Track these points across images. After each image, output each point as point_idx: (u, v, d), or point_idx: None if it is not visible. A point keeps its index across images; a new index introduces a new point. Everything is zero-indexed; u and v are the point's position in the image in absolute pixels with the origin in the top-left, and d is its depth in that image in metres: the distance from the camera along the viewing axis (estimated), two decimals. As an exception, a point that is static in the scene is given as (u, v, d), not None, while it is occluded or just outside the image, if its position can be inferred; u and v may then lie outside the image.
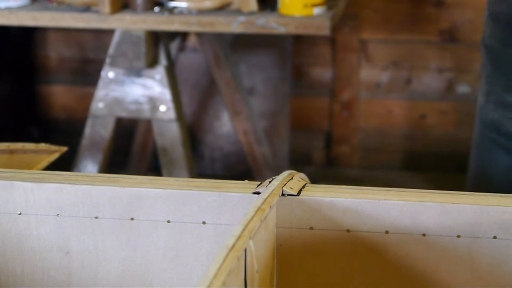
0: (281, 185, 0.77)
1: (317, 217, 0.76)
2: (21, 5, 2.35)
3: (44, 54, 3.09)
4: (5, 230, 0.81)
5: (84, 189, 0.79)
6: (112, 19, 2.27)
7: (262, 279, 0.68)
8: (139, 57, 2.34)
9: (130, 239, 0.80)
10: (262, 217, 0.68)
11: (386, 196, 0.76)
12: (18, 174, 0.83)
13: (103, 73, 2.39)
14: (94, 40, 3.04)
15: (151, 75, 2.37)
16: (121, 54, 2.35)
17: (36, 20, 2.29)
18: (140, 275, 0.80)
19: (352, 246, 0.76)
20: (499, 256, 0.74)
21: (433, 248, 0.75)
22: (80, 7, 2.33)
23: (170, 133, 2.41)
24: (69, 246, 0.81)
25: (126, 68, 2.36)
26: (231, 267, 0.58)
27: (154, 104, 2.38)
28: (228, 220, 0.78)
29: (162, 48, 2.40)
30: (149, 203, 0.78)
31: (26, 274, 0.81)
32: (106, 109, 2.40)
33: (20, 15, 2.29)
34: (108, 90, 2.39)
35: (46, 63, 3.10)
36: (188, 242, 0.79)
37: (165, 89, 2.37)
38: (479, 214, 0.74)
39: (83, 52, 3.08)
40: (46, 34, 3.06)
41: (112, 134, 2.44)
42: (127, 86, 2.39)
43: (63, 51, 3.08)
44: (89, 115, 2.42)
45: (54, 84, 3.13)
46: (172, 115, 2.39)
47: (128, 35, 2.32)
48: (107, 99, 2.39)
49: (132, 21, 2.28)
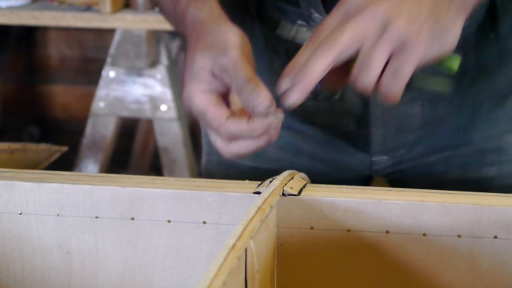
0: (281, 185, 0.77)
1: (317, 217, 0.76)
2: (22, 4, 2.35)
3: (45, 53, 3.09)
4: (6, 230, 0.81)
5: (85, 189, 0.79)
6: (113, 18, 2.27)
7: (262, 279, 0.68)
8: (140, 56, 2.34)
9: (130, 238, 0.80)
10: (262, 217, 0.68)
11: (386, 196, 0.76)
12: (18, 174, 0.83)
13: (104, 73, 2.39)
14: (95, 39, 3.04)
15: (152, 75, 2.37)
16: (122, 53, 2.35)
17: (37, 19, 2.29)
18: (140, 275, 0.80)
19: (352, 246, 0.76)
20: (500, 256, 0.74)
21: (433, 248, 0.75)
22: (81, 7, 2.33)
23: (171, 132, 2.41)
24: (69, 245, 0.81)
25: (127, 68, 2.36)
26: (231, 267, 0.58)
27: (155, 103, 2.39)
28: (229, 220, 0.78)
29: (163, 47, 2.40)
30: (149, 203, 0.78)
31: (26, 274, 0.82)
32: (107, 109, 2.40)
33: (21, 14, 2.29)
34: (109, 90, 2.39)
35: (47, 63, 3.10)
36: (189, 242, 0.79)
37: (166, 88, 2.37)
38: (480, 214, 0.74)
39: (84, 52, 3.08)
40: (47, 33, 3.06)
41: (113, 134, 2.44)
42: (128, 86, 2.39)
43: (64, 50, 3.08)
44: (90, 115, 2.43)
45: (55, 83, 3.13)
46: (173, 115, 2.39)
47: (129, 35, 2.32)
48: (108, 98, 2.39)
49: (133, 20, 2.28)
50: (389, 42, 0.81)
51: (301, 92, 0.81)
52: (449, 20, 0.83)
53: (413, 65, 0.82)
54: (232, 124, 0.84)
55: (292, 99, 0.82)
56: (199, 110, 0.85)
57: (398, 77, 0.82)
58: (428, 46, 0.82)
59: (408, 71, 0.82)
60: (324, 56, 0.81)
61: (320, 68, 0.81)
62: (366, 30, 0.82)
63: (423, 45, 0.81)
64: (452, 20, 0.83)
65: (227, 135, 0.84)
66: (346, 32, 0.82)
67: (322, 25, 0.85)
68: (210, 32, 0.88)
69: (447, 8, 0.84)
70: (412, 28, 0.81)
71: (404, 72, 0.81)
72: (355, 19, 0.82)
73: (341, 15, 0.84)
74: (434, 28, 0.82)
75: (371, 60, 0.81)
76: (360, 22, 0.82)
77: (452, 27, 0.83)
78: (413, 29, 0.81)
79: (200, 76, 0.86)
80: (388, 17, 0.81)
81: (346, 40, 0.82)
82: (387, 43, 0.81)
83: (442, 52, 0.84)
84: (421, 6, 0.83)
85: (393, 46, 0.82)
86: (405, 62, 0.81)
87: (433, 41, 0.82)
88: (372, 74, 0.82)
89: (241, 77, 0.84)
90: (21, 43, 3.04)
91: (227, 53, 0.85)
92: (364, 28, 0.82)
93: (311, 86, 0.82)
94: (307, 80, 0.81)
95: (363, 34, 0.82)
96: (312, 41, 0.84)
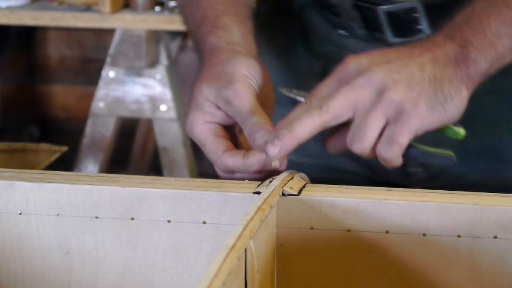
0: (281, 185, 0.77)
1: (317, 217, 0.76)
2: (22, 5, 2.35)
3: (45, 53, 3.09)
4: (6, 230, 0.81)
5: (85, 189, 0.79)
6: (112, 18, 2.27)
7: (262, 279, 0.68)
8: (140, 56, 2.34)
9: (130, 239, 0.80)
10: (262, 217, 0.68)
11: (386, 196, 0.76)
12: (18, 174, 0.83)
13: (103, 73, 2.39)
14: (95, 39, 3.04)
15: (151, 75, 2.37)
16: (122, 53, 2.35)
17: (36, 20, 2.29)
18: (140, 275, 0.80)
19: (352, 246, 0.76)
20: (500, 256, 0.74)
21: (433, 248, 0.75)
22: (80, 7, 2.33)
23: (171, 132, 2.41)
24: (69, 246, 0.81)
25: (127, 68, 2.36)
26: (231, 267, 0.58)
27: (154, 103, 2.39)
28: (229, 220, 0.78)
29: (162, 47, 2.40)
30: (149, 203, 0.78)
31: (26, 274, 0.82)
32: (107, 109, 2.40)
33: (20, 14, 2.29)
34: (108, 90, 2.39)
35: (46, 63, 3.11)
36: (189, 242, 0.79)
37: (166, 88, 2.37)
38: (480, 214, 0.74)
39: (83, 52, 3.08)
40: (47, 33, 3.06)
41: (112, 134, 2.44)
42: (128, 86, 2.39)
43: (64, 50, 3.08)
44: (89, 115, 2.43)
45: (54, 83, 3.13)
46: (172, 115, 2.39)
47: (129, 35, 2.32)
48: (107, 98, 2.39)
49: (132, 20, 2.28)
50: (384, 110, 0.80)
51: (282, 149, 0.81)
52: (453, 89, 0.81)
53: (409, 134, 0.80)
54: (228, 158, 0.84)
55: (272, 153, 0.81)
56: (199, 141, 0.86)
57: (393, 146, 0.80)
58: (427, 115, 0.80)
59: (404, 140, 0.80)
60: (311, 120, 0.81)
61: (304, 131, 0.81)
62: (360, 97, 0.80)
63: (420, 114, 0.79)
64: (457, 89, 0.81)
65: (224, 168, 0.85)
66: (338, 98, 0.80)
67: (319, 87, 0.84)
68: (221, 62, 0.88)
69: (452, 76, 0.82)
70: (410, 96, 0.79)
71: (399, 141, 0.80)
72: (350, 85, 0.81)
73: (338, 79, 0.83)
74: (436, 97, 0.80)
75: (365, 128, 0.80)
76: (354, 89, 0.80)
77: (457, 96, 0.81)
78: (411, 98, 0.79)
79: (203, 107, 0.87)
80: (384, 84, 0.80)
81: (336, 107, 0.80)
82: (382, 111, 0.80)
83: (444, 121, 0.81)
84: (423, 73, 0.81)
85: (388, 114, 0.80)
86: (401, 131, 0.80)
87: (433, 110, 0.80)
88: (365, 142, 0.80)
89: (245, 110, 0.84)
90: (21, 43, 3.04)
91: (232, 85, 0.85)
92: (358, 95, 0.80)
93: (292, 145, 0.81)
94: (289, 139, 0.81)
95: (356, 101, 0.80)
96: (307, 101, 0.83)
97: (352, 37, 1.04)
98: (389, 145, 0.80)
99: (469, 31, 0.84)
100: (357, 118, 0.81)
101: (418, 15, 0.99)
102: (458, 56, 0.82)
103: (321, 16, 1.06)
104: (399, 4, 0.98)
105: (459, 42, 0.83)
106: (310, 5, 1.07)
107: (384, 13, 0.99)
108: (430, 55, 0.82)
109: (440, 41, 0.84)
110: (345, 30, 1.04)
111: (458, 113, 0.82)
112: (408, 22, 1.00)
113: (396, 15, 0.99)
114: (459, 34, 0.84)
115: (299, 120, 0.81)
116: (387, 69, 0.80)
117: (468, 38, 0.83)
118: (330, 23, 1.05)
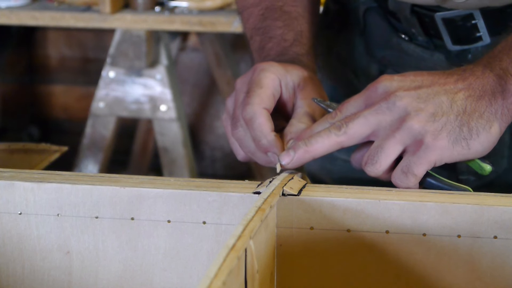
0: (281, 185, 0.77)
1: (317, 217, 0.76)
2: (22, 5, 2.35)
3: (45, 53, 3.09)
4: (6, 230, 0.81)
5: (85, 189, 0.79)
6: (112, 18, 2.27)
7: (262, 279, 0.68)
8: (140, 56, 2.34)
9: (130, 239, 0.80)
10: (262, 217, 0.68)
11: (386, 196, 0.76)
12: (18, 174, 0.83)
13: (103, 73, 2.39)
14: (95, 39, 3.04)
15: (151, 75, 2.38)
16: (122, 53, 2.35)
17: (36, 20, 2.30)
18: (140, 275, 0.80)
19: (352, 246, 0.76)
20: (500, 256, 0.74)
21: (433, 248, 0.75)
22: (80, 7, 2.33)
23: (171, 132, 2.41)
24: (69, 246, 0.81)
25: (127, 68, 2.36)
26: (231, 267, 0.58)
27: (154, 103, 2.39)
28: (229, 220, 0.78)
29: (162, 47, 2.40)
30: (149, 203, 0.79)
31: (26, 274, 0.82)
32: (107, 109, 2.40)
33: (20, 14, 2.29)
34: (108, 90, 2.39)
35: (46, 63, 3.11)
36: (189, 242, 0.79)
37: (166, 88, 2.37)
38: (480, 214, 0.74)
39: (83, 52, 3.08)
40: (47, 33, 3.06)
41: (112, 134, 2.44)
42: (128, 86, 2.39)
43: (64, 50, 3.08)
44: (89, 115, 2.43)
45: (54, 83, 3.13)
46: (172, 115, 2.39)
47: (129, 35, 2.32)
48: (107, 98, 2.39)
49: (132, 20, 2.28)
50: (402, 138, 0.79)
51: (294, 161, 0.82)
52: (482, 124, 0.79)
53: (426, 166, 0.79)
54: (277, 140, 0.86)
55: (284, 162, 0.83)
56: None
57: (408, 176, 0.79)
58: (447, 149, 0.78)
59: (420, 172, 0.79)
60: (328, 139, 0.81)
61: (319, 149, 0.82)
62: (381, 122, 0.79)
63: (440, 147, 0.78)
64: (487, 124, 0.79)
65: (266, 145, 0.86)
66: (359, 121, 0.80)
67: (347, 101, 0.84)
68: (255, 70, 0.90)
69: (485, 110, 0.79)
70: (431, 127, 0.78)
71: (414, 172, 0.79)
72: (373, 108, 0.80)
73: (366, 97, 0.82)
74: (460, 131, 0.78)
75: (380, 153, 0.79)
76: (377, 113, 0.80)
77: (484, 133, 0.79)
78: (433, 129, 0.78)
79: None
80: (408, 111, 0.79)
81: (355, 129, 0.80)
82: (400, 139, 0.79)
83: (467, 156, 0.80)
84: (452, 104, 0.79)
85: (406, 142, 0.79)
86: (418, 163, 0.79)
87: (455, 145, 0.78)
88: (378, 166, 0.80)
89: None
90: (21, 43, 3.04)
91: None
92: (380, 119, 0.79)
93: (306, 159, 0.82)
94: (303, 153, 0.82)
95: (377, 125, 0.80)
96: (333, 114, 0.84)
97: (413, 43, 1.03)
98: (404, 175, 0.80)
99: (508, 61, 0.81)
100: (376, 140, 0.80)
101: (476, 21, 0.97)
102: (495, 88, 0.80)
103: (384, 19, 1.06)
104: (457, 11, 0.97)
105: (498, 72, 0.81)
106: (374, 9, 1.07)
107: (441, 20, 0.98)
108: (466, 84, 0.80)
109: (479, 71, 0.81)
110: (406, 35, 1.03)
111: (484, 149, 0.80)
112: (466, 29, 0.98)
113: (454, 22, 0.98)
114: (498, 63, 0.81)
115: (318, 137, 0.82)
116: (414, 96, 0.79)
117: (507, 68, 0.81)
118: (392, 28, 1.04)
